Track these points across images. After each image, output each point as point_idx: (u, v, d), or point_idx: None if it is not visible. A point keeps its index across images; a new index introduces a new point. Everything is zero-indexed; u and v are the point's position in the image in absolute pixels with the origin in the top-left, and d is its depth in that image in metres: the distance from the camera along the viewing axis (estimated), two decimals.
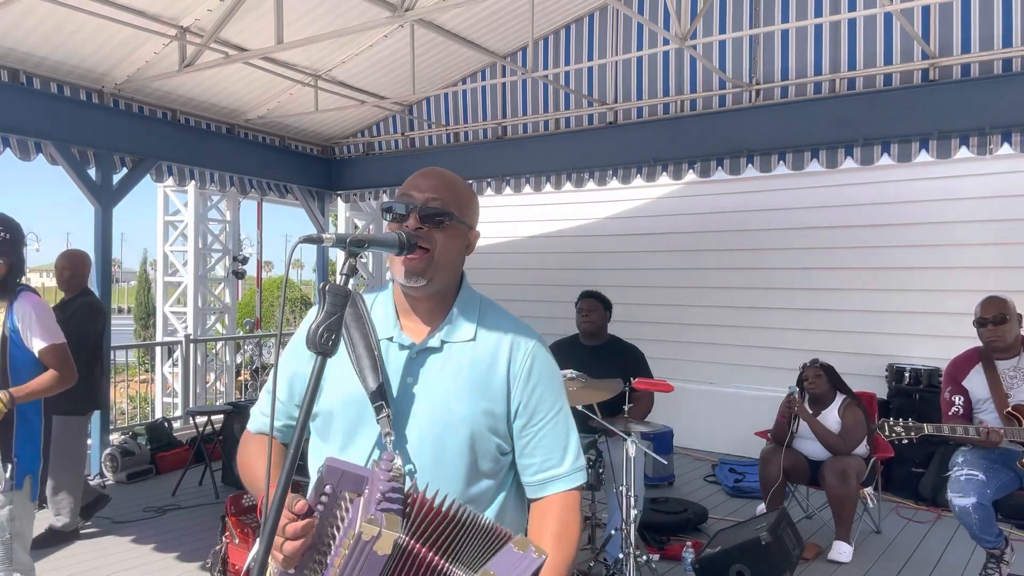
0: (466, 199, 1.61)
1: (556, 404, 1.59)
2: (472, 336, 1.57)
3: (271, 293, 22.23)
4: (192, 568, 4.43)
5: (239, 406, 6.35)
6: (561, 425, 1.59)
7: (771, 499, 4.84)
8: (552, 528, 1.53)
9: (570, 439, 1.60)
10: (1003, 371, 3.98)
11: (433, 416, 1.51)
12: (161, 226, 9.78)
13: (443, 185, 1.57)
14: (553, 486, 1.57)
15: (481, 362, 1.55)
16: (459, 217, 1.56)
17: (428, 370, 1.54)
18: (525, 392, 1.56)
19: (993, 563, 3.99)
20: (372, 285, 10.24)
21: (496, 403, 1.54)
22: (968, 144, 5.02)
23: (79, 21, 5.11)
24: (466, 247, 1.61)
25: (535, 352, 1.59)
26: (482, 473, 1.53)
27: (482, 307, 1.64)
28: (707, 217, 7.86)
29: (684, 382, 6.58)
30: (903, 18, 4.82)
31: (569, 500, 1.57)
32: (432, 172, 1.61)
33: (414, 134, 7.66)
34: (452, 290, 1.62)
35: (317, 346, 1.32)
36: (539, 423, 1.57)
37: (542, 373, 1.58)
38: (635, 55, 6.12)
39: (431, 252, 1.51)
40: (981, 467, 3.90)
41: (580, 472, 1.59)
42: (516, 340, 1.59)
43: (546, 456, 1.57)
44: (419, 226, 1.51)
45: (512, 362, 1.56)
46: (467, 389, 1.53)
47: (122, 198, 6.37)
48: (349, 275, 1.39)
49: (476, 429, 1.51)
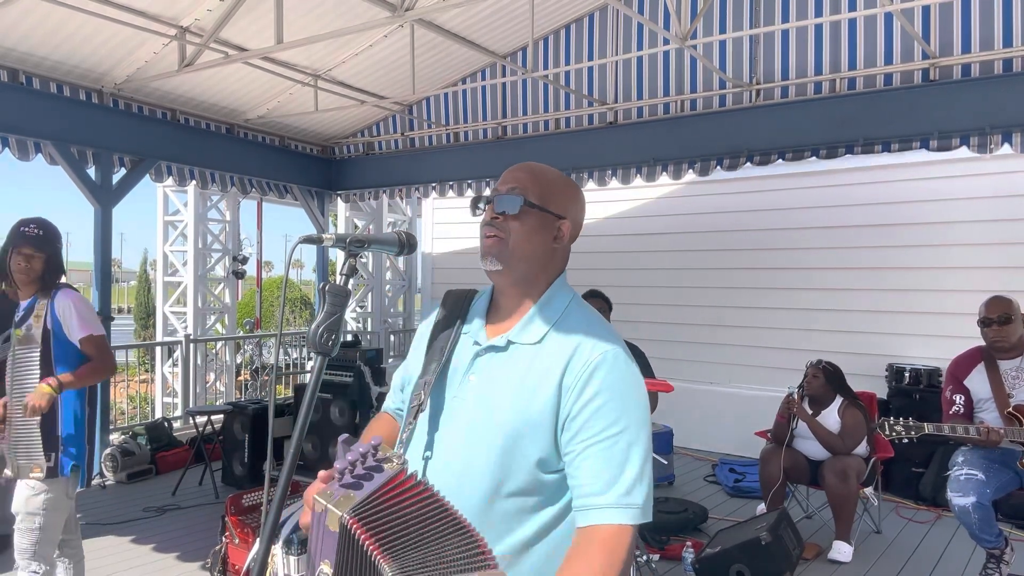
0: (553, 188, 1.55)
1: (617, 424, 1.38)
2: (539, 339, 1.47)
3: (271, 293, 22.23)
4: (192, 568, 4.43)
5: (239, 406, 6.35)
6: (618, 449, 1.37)
7: (771, 499, 4.83)
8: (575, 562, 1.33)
9: (627, 467, 1.36)
10: (1005, 371, 3.97)
11: (473, 415, 1.46)
12: (161, 226, 9.78)
13: (525, 175, 1.54)
14: (590, 516, 1.35)
15: (538, 367, 1.44)
16: (537, 204, 1.50)
17: (486, 368, 1.50)
18: (577, 404, 1.39)
19: (993, 563, 3.99)
20: (372, 285, 10.24)
21: (543, 414, 1.41)
22: (968, 144, 5.02)
23: (79, 21, 5.11)
24: (553, 238, 1.52)
25: (601, 362, 1.41)
26: (514, 486, 1.42)
27: (567, 309, 1.52)
28: (707, 217, 7.85)
29: (684, 382, 6.57)
30: (903, 18, 4.82)
31: (607, 536, 1.33)
32: (520, 165, 1.58)
33: (414, 134, 7.65)
34: (541, 286, 1.53)
35: (317, 346, 1.32)
36: (587, 440, 1.38)
37: (605, 386, 1.39)
38: (635, 55, 6.12)
39: (504, 239, 1.48)
40: (981, 467, 3.90)
41: (629, 509, 1.34)
42: (583, 347, 1.43)
43: (590, 480, 1.37)
44: (494, 216, 1.50)
45: (569, 370, 1.41)
46: (514, 394, 1.44)
47: (122, 198, 6.37)
48: (349, 275, 1.39)
49: (513, 438, 1.41)
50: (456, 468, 1.44)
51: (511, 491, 1.42)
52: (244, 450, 6.10)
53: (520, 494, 1.42)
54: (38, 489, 3.05)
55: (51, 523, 3.09)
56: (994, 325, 3.97)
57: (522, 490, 1.42)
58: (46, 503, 3.05)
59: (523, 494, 1.42)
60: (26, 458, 3.06)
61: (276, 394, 9.79)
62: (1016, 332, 3.97)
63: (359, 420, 5.79)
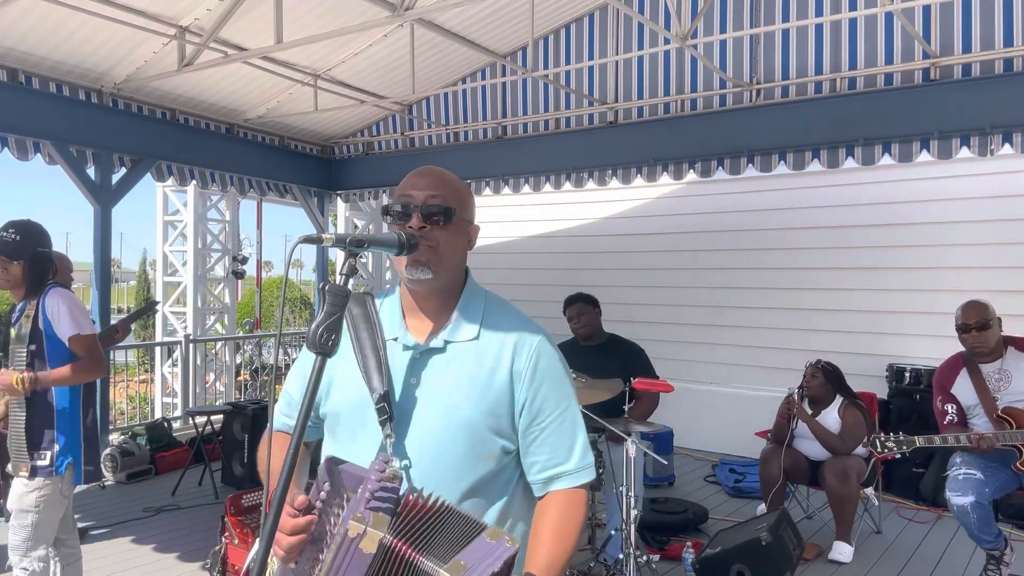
0: (464, 195, 1.61)
1: (563, 401, 1.57)
2: (475, 335, 1.56)
3: (271, 293, 22.24)
4: (192, 568, 4.43)
5: (239, 406, 6.34)
6: (568, 422, 1.57)
7: (771, 499, 4.83)
8: (551, 522, 1.52)
9: (577, 436, 1.57)
10: (988, 374, 3.98)
11: (435, 417, 1.50)
12: (160, 226, 9.77)
13: (441, 182, 1.58)
14: (558, 483, 1.55)
15: (484, 361, 1.54)
16: (460, 213, 1.57)
17: (431, 371, 1.54)
18: (530, 390, 1.54)
19: (993, 564, 3.99)
20: (372, 285, 10.24)
21: (500, 403, 1.52)
22: (969, 144, 5.02)
23: (78, 21, 5.10)
24: (468, 242, 1.62)
25: (540, 348, 1.56)
26: (484, 474, 1.52)
27: (487, 304, 1.62)
28: (706, 217, 7.85)
29: (684, 382, 6.57)
30: (904, 18, 4.82)
31: (573, 497, 1.55)
32: (428, 171, 1.61)
33: (414, 134, 7.65)
34: (457, 288, 1.61)
35: (317, 346, 1.32)
36: (544, 421, 1.54)
37: (547, 370, 1.56)
38: (635, 55, 6.11)
39: (435, 248, 1.52)
40: (979, 466, 3.90)
41: (587, 469, 1.57)
42: (520, 337, 1.56)
43: (552, 454, 1.55)
44: (422, 224, 1.52)
45: (516, 360, 1.54)
46: (469, 390, 1.52)
47: (121, 198, 6.36)
48: (349, 275, 1.39)
49: (478, 430, 1.50)
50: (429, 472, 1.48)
51: (481, 482, 1.51)
52: (244, 450, 6.10)
53: (487, 484, 1.53)
54: (30, 487, 3.06)
55: (45, 521, 3.08)
56: (972, 331, 3.99)
57: (489, 480, 1.53)
58: (39, 500, 3.06)
59: (490, 483, 1.53)
60: (16, 456, 3.08)
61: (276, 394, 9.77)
62: (994, 336, 3.99)
63: None
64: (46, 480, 3.07)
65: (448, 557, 1.28)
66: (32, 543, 3.06)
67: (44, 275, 3.23)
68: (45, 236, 3.30)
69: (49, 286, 3.21)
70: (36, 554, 3.08)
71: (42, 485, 3.06)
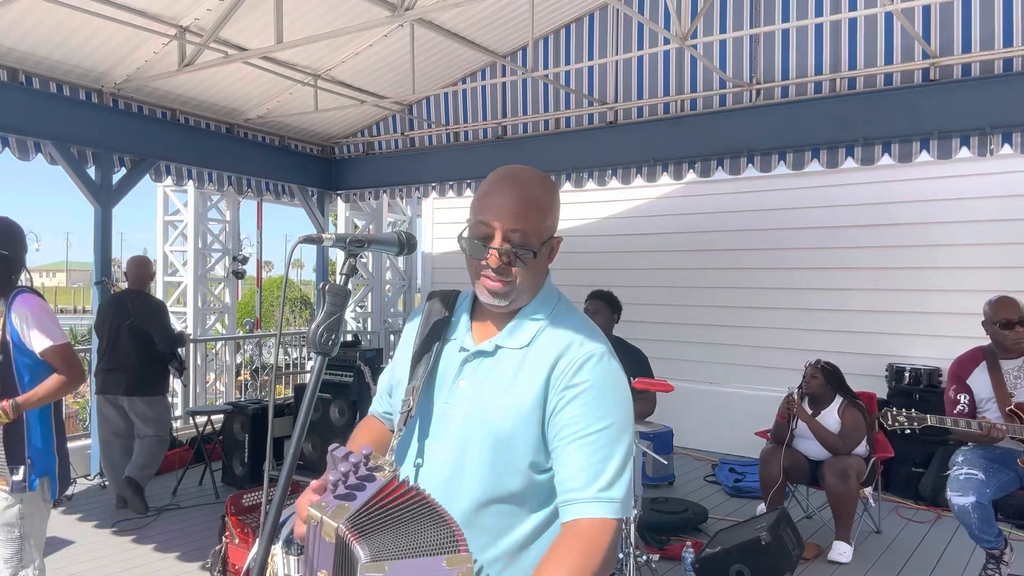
0: (548, 211, 1.50)
1: (600, 420, 1.39)
2: (527, 342, 1.48)
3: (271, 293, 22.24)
4: (192, 568, 4.43)
5: (239, 406, 6.35)
6: (602, 443, 1.38)
7: (771, 499, 4.83)
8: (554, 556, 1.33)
9: (609, 463, 1.38)
10: (1007, 371, 3.97)
11: (464, 420, 1.47)
12: (161, 226, 9.76)
13: (524, 209, 1.44)
14: (572, 510, 1.37)
15: (527, 369, 1.46)
16: (542, 243, 1.47)
17: (474, 374, 1.50)
18: (562, 401, 1.41)
19: (993, 563, 3.99)
20: (372, 285, 10.24)
21: (531, 411, 1.42)
22: (969, 144, 5.02)
23: (79, 21, 5.11)
24: (549, 259, 1.54)
25: (586, 360, 1.43)
26: (507, 489, 1.43)
27: (555, 311, 1.53)
28: (706, 217, 7.85)
29: (684, 382, 6.57)
30: (903, 18, 4.82)
31: (588, 529, 1.34)
32: (518, 198, 1.45)
33: (414, 134, 7.65)
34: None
35: (317, 346, 1.32)
36: (571, 436, 1.39)
37: (589, 382, 1.41)
38: (635, 55, 6.11)
39: (512, 282, 1.46)
40: (981, 466, 3.90)
41: (608, 503, 1.35)
42: (570, 346, 1.45)
43: (571, 474, 1.38)
44: (499, 263, 1.45)
45: (555, 369, 1.43)
46: (504, 397, 1.44)
47: (122, 198, 6.36)
48: (349, 275, 1.39)
49: (505, 440, 1.42)
50: (447, 473, 1.45)
51: (504, 493, 1.43)
52: (244, 450, 6.10)
53: (514, 496, 1.43)
54: (11, 500, 2.93)
55: (31, 532, 3.01)
56: (1016, 327, 3.92)
57: (516, 492, 1.43)
58: (21, 513, 2.96)
59: (517, 495, 1.44)
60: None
61: (276, 394, 9.78)
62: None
63: (359, 420, 5.78)
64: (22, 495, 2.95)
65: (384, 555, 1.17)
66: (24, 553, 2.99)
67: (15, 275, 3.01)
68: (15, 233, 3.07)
69: (16, 292, 2.98)
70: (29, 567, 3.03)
71: (22, 499, 2.94)
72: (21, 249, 3.09)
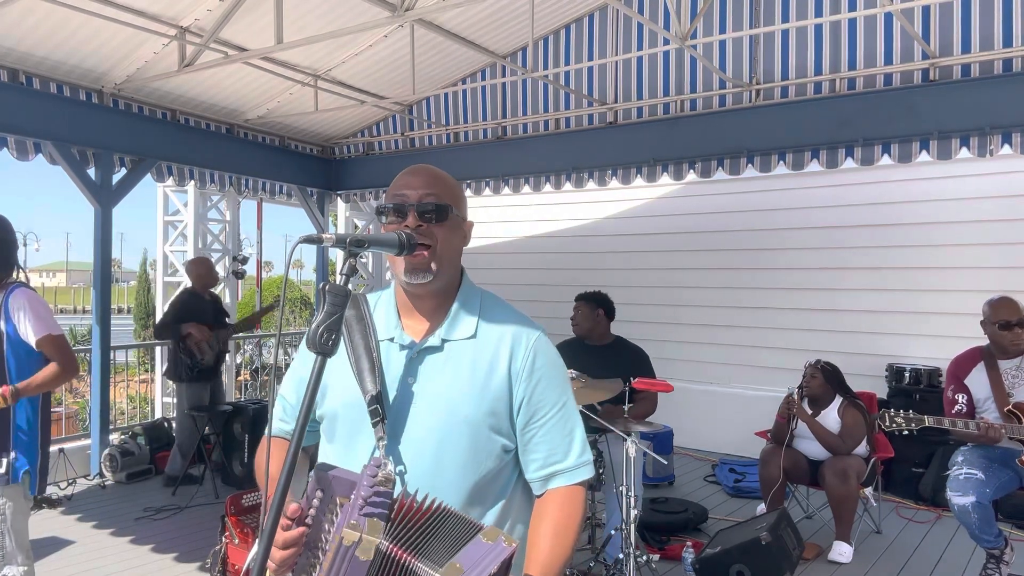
0: (457, 191, 1.61)
1: (560, 398, 1.56)
2: (472, 333, 1.56)
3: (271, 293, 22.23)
4: (192, 568, 4.43)
5: (239, 406, 6.35)
6: (566, 419, 1.56)
7: (771, 499, 4.83)
8: (551, 521, 1.51)
9: (575, 433, 1.57)
10: (1005, 370, 3.97)
11: (434, 417, 1.50)
12: (161, 226, 9.75)
13: (434, 180, 1.57)
14: (557, 480, 1.55)
15: (482, 359, 1.53)
16: (456, 210, 1.56)
17: (428, 370, 1.53)
18: (528, 388, 1.53)
19: (993, 563, 3.99)
20: (372, 285, 10.24)
21: (499, 401, 1.52)
22: (968, 144, 5.02)
23: (79, 21, 5.11)
24: (463, 239, 1.61)
25: (537, 346, 1.56)
26: (485, 473, 1.51)
27: (483, 302, 1.62)
28: (706, 217, 7.85)
29: (684, 382, 6.58)
30: (903, 18, 4.82)
31: (572, 494, 1.54)
32: (420, 169, 1.60)
33: (414, 134, 7.65)
34: (453, 286, 1.61)
35: (317, 346, 1.32)
36: (542, 419, 1.54)
37: (545, 368, 1.56)
38: (635, 55, 6.11)
39: (433, 247, 1.51)
40: (981, 466, 3.90)
41: (586, 466, 1.57)
42: (518, 335, 1.56)
43: (550, 451, 1.54)
44: (419, 223, 1.51)
45: (513, 358, 1.54)
46: (468, 388, 1.51)
47: (122, 198, 6.37)
48: (349, 275, 1.39)
49: (478, 429, 1.50)
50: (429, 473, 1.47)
51: (482, 483, 1.50)
52: (244, 450, 6.10)
53: (489, 484, 1.53)
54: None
55: (16, 527, 3.01)
56: (1015, 328, 3.92)
57: (490, 479, 1.53)
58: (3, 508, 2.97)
59: (490, 483, 1.53)
60: None
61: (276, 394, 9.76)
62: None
63: None
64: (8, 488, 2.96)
65: (444, 560, 1.27)
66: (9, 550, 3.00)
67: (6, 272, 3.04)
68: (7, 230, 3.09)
69: (13, 286, 3.03)
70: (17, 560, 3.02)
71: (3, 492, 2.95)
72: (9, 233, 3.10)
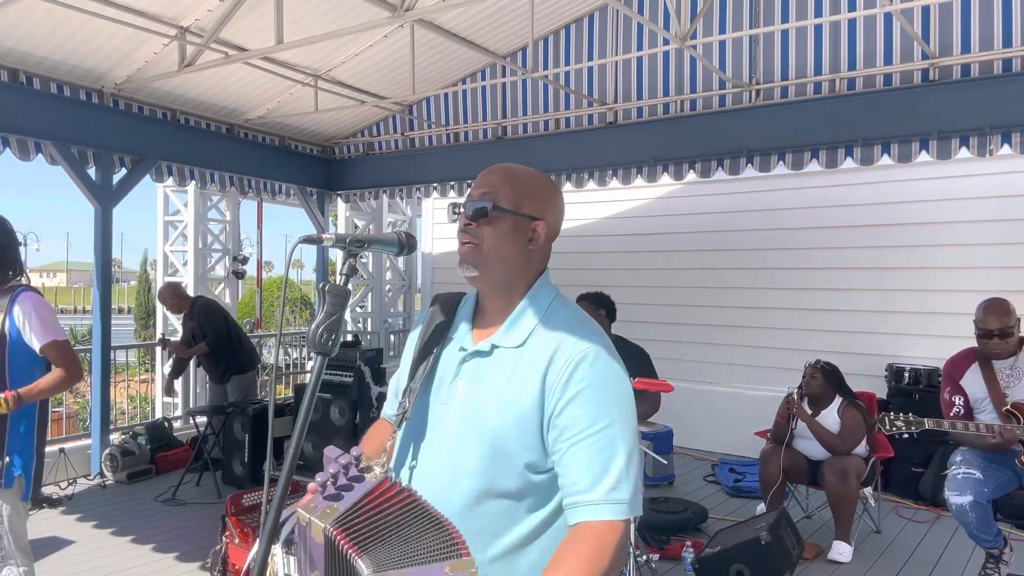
0: (526, 189, 1.52)
1: (600, 419, 1.38)
2: (521, 342, 1.47)
3: (271, 293, 22.25)
4: (192, 568, 4.43)
5: (239, 406, 6.35)
6: (603, 444, 1.37)
7: (771, 499, 4.83)
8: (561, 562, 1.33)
9: (612, 462, 1.36)
10: (999, 369, 3.97)
11: (462, 421, 1.47)
12: (161, 226, 9.76)
13: (499, 179, 1.53)
14: (579, 513, 1.36)
15: (521, 369, 1.45)
16: (508, 208, 1.49)
17: (471, 374, 1.50)
18: (560, 403, 1.39)
19: (992, 563, 3.99)
20: (372, 285, 10.25)
21: (529, 414, 1.41)
22: (968, 144, 5.03)
23: (79, 21, 5.11)
24: (529, 239, 1.51)
25: (582, 360, 1.41)
26: (503, 489, 1.42)
27: (550, 309, 1.51)
28: (706, 217, 7.85)
29: (684, 382, 6.57)
30: (903, 18, 4.82)
31: (597, 532, 1.33)
32: (495, 167, 1.56)
33: (414, 134, 7.66)
34: (522, 288, 1.53)
35: (317, 346, 1.32)
36: (572, 438, 1.38)
37: (586, 382, 1.39)
38: (635, 55, 6.12)
39: (479, 245, 1.49)
40: (979, 466, 3.90)
41: (616, 505, 1.35)
42: (564, 346, 1.43)
43: (576, 477, 1.37)
44: (468, 222, 1.51)
45: (550, 370, 1.41)
46: (499, 398, 1.44)
47: (122, 198, 6.37)
48: (349, 275, 1.39)
49: (501, 441, 1.42)
50: (443, 474, 1.45)
51: (500, 493, 1.42)
52: (244, 450, 6.10)
53: (510, 496, 1.43)
54: None
55: (14, 529, 3.01)
56: (995, 338, 3.94)
57: (512, 492, 1.43)
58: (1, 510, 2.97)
59: (514, 496, 1.43)
60: None
61: (276, 394, 9.78)
62: (1015, 340, 3.96)
63: (359, 420, 5.79)
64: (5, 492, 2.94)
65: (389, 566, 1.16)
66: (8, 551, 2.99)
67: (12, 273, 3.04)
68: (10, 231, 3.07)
69: (19, 289, 3.01)
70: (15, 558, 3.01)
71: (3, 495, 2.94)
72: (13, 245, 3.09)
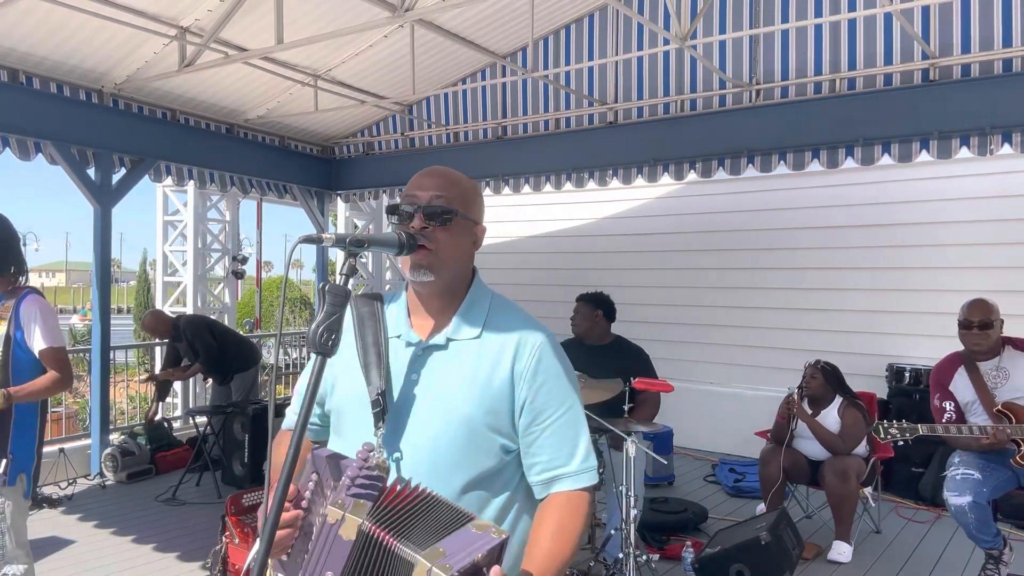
0: (470, 195, 1.62)
1: (565, 402, 1.55)
2: (477, 334, 1.57)
3: (271, 293, 22.26)
4: (192, 568, 4.43)
5: (239, 406, 6.35)
6: (570, 423, 1.55)
7: (771, 499, 4.84)
8: (550, 524, 1.50)
9: (579, 438, 1.56)
10: (985, 371, 4.00)
11: (433, 414, 1.52)
12: (160, 226, 9.76)
13: (446, 183, 1.59)
14: (558, 484, 1.53)
15: (485, 360, 1.54)
16: (463, 213, 1.57)
17: (431, 368, 1.56)
18: (531, 390, 1.53)
19: (992, 563, 3.99)
20: (372, 285, 10.25)
21: (500, 401, 1.52)
22: (968, 144, 5.02)
23: (79, 21, 5.11)
24: (473, 243, 1.62)
25: (542, 349, 1.56)
26: (484, 470, 1.52)
27: (492, 304, 1.63)
28: (707, 217, 7.85)
29: (684, 382, 6.57)
30: (903, 18, 4.82)
31: (574, 499, 1.53)
32: (435, 171, 1.62)
33: (414, 134, 7.66)
34: (463, 287, 1.62)
35: (317, 346, 1.33)
36: (545, 421, 1.53)
37: (549, 370, 1.55)
38: (635, 55, 6.12)
39: (435, 250, 1.53)
40: (977, 466, 3.90)
41: (589, 472, 1.55)
42: (523, 337, 1.56)
43: (553, 455, 1.53)
44: (424, 225, 1.53)
45: (517, 359, 1.54)
46: (469, 387, 1.52)
47: (121, 198, 6.37)
48: (349, 275, 1.39)
49: (476, 428, 1.50)
50: (425, 465, 1.49)
51: (479, 479, 1.51)
52: (244, 450, 6.10)
53: (486, 481, 1.53)
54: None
55: (16, 527, 3.03)
56: (975, 328, 3.99)
57: (488, 477, 1.53)
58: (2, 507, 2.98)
59: (489, 480, 1.53)
60: None
61: (276, 394, 9.79)
62: (995, 336, 4.01)
63: None
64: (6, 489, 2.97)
65: (427, 543, 1.26)
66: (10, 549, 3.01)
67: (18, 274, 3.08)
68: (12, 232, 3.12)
69: (26, 291, 3.07)
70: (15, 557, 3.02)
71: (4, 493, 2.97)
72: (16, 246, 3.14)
